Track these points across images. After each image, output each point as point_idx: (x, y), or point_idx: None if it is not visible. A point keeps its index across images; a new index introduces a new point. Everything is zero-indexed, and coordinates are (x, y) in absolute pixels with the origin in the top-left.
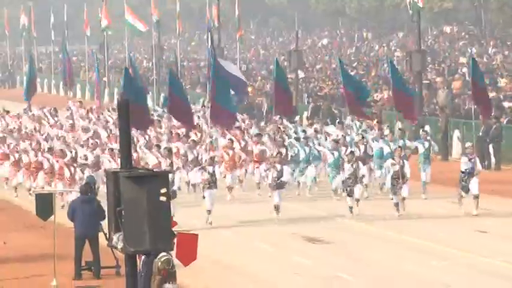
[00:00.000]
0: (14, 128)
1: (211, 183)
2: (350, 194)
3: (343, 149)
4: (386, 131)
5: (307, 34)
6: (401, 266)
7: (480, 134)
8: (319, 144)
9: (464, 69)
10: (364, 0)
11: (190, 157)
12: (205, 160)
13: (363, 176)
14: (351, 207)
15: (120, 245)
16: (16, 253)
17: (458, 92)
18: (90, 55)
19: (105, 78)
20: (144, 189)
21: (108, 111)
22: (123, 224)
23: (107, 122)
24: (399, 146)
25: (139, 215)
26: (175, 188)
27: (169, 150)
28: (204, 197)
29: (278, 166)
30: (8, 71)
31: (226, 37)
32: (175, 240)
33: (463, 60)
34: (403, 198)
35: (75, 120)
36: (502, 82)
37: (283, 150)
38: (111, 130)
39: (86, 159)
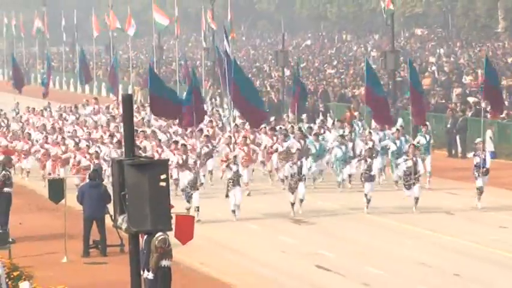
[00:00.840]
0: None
1: (235, 181)
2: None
3: (350, 144)
4: (394, 129)
5: (292, 36)
6: (376, 243)
7: (448, 126)
8: (323, 139)
9: (434, 68)
10: (344, 5)
11: (204, 150)
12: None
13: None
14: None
15: (124, 226)
16: (30, 233)
17: (428, 88)
18: (106, 55)
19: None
20: (146, 176)
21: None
22: (127, 207)
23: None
24: (412, 143)
25: (141, 198)
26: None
27: (185, 146)
28: (227, 196)
29: (299, 163)
30: (23, 70)
31: (220, 39)
32: (173, 222)
33: (432, 59)
34: (417, 198)
35: (92, 116)
36: (467, 79)
37: (300, 146)
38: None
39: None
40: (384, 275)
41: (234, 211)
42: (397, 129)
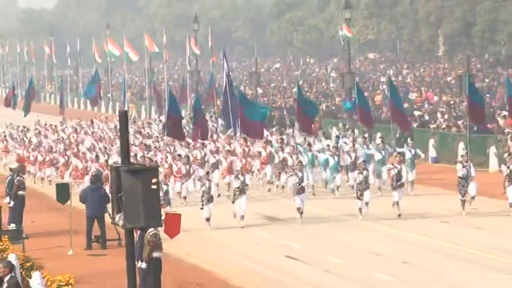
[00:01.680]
0: (61, 137)
1: (242, 190)
2: (360, 198)
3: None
4: (378, 140)
5: (264, 60)
6: (338, 238)
7: (397, 135)
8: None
9: (384, 86)
10: (308, 33)
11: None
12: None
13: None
14: (360, 209)
15: (121, 223)
16: (41, 230)
17: (380, 103)
18: (105, 77)
19: (109, 95)
20: (139, 180)
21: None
22: (123, 207)
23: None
24: (398, 153)
25: (135, 199)
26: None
27: (187, 157)
28: (233, 202)
29: (299, 173)
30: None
31: (202, 62)
32: (163, 219)
33: (383, 79)
34: (397, 202)
35: (103, 132)
36: (413, 96)
37: (295, 157)
38: (141, 141)
39: None
40: (344, 264)
41: (235, 215)
42: (382, 141)
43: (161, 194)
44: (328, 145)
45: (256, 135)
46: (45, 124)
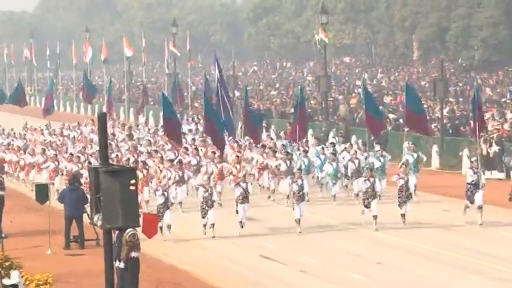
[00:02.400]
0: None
1: (244, 198)
2: (367, 206)
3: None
4: (377, 147)
5: (241, 63)
6: (317, 239)
7: (372, 138)
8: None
9: (360, 90)
10: (284, 37)
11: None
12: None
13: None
14: (374, 216)
15: (99, 223)
16: (20, 229)
17: (355, 106)
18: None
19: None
20: (118, 181)
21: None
22: (101, 207)
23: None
24: (403, 163)
25: (113, 200)
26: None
27: (180, 162)
28: (237, 212)
29: (299, 181)
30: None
31: (181, 66)
32: (141, 219)
33: (358, 83)
34: (403, 214)
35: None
36: (388, 99)
37: (289, 163)
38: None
39: None
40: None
41: (241, 222)
42: (380, 147)
43: (162, 200)
44: (322, 149)
45: (256, 140)
46: (32, 127)
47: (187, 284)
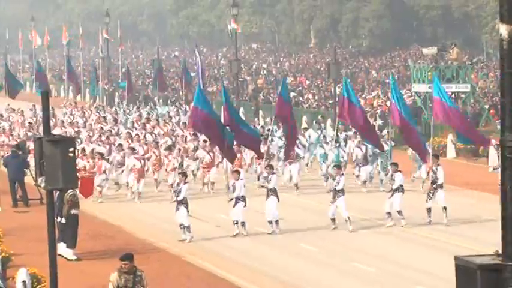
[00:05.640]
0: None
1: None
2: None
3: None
4: (384, 132)
5: (164, 49)
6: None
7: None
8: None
9: (265, 72)
10: (202, 26)
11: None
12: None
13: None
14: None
15: (43, 185)
16: None
17: (261, 86)
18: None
19: (33, 77)
20: (58, 148)
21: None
22: (44, 171)
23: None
24: (434, 154)
25: (55, 165)
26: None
27: (179, 149)
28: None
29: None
30: None
31: (113, 50)
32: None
33: (264, 66)
34: (444, 208)
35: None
36: (289, 80)
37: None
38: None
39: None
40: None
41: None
42: (387, 132)
43: (175, 196)
44: (324, 137)
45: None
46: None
47: (119, 236)
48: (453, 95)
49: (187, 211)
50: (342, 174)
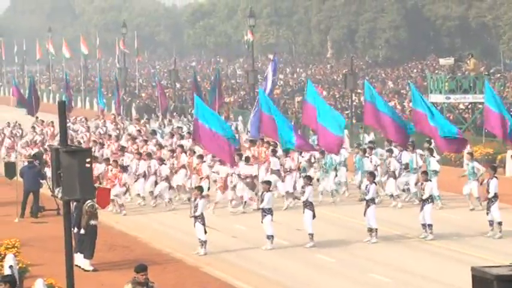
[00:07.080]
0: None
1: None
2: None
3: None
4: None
5: (181, 59)
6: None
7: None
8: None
9: (282, 82)
10: (219, 37)
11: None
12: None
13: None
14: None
15: (60, 195)
16: None
17: (278, 96)
18: (47, 72)
19: (50, 87)
20: (76, 159)
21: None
22: (61, 182)
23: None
24: (492, 165)
25: (72, 175)
26: None
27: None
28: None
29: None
30: None
31: (130, 61)
32: (96, 192)
33: (281, 76)
34: (498, 222)
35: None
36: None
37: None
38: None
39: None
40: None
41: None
42: (412, 142)
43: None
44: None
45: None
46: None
47: (135, 247)
48: (470, 106)
49: (204, 227)
50: (374, 182)
